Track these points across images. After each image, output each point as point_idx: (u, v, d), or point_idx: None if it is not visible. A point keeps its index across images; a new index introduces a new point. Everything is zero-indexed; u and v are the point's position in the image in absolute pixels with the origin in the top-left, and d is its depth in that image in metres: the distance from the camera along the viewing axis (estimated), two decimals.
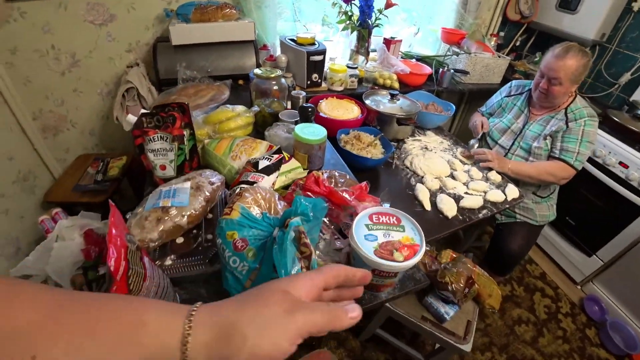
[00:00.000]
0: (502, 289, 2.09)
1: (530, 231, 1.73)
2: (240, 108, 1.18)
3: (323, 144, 1.01)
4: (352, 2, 1.85)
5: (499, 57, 2.29)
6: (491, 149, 1.77)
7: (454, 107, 1.79)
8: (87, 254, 1.20)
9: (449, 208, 1.30)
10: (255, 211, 0.64)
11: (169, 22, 1.59)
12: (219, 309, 0.32)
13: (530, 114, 1.69)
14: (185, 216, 0.71)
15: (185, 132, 0.93)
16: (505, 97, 1.83)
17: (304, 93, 1.30)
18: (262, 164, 0.87)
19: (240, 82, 1.63)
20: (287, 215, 0.58)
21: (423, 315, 1.32)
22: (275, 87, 1.22)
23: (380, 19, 1.94)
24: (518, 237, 1.70)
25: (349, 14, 1.89)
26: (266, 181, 0.83)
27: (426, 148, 1.65)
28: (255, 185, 0.80)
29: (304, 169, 1.02)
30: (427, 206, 1.31)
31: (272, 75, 1.18)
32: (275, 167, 0.87)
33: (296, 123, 1.17)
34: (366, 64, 2.00)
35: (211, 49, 1.63)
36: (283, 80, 1.24)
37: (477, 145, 1.68)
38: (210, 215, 0.80)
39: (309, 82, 1.68)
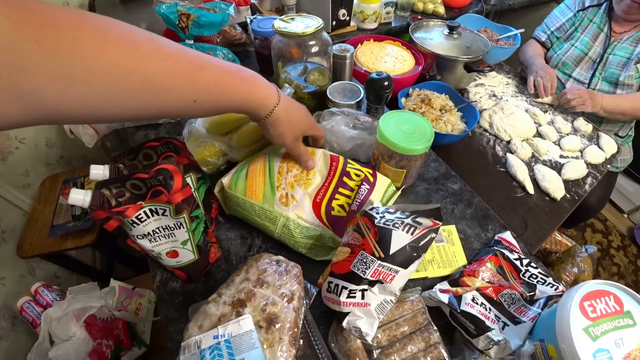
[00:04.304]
0: None
1: (609, 180, 1.45)
2: None
3: (428, 149, 0.62)
4: None
5: None
6: (564, 84, 1.38)
7: (517, 32, 1.35)
8: (99, 359, 0.85)
9: (555, 186, 0.99)
10: None
11: None
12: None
13: (611, 33, 1.28)
14: None
15: (192, 184, 0.53)
16: (579, 11, 1.38)
17: (351, 48, 0.84)
18: (398, 238, 0.47)
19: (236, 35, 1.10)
20: None
21: None
22: (315, 49, 0.75)
23: None
24: (597, 189, 1.42)
25: None
26: (398, 281, 0.46)
27: (494, 95, 1.26)
28: (369, 289, 0.46)
29: (397, 189, 0.65)
30: (530, 189, 0.98)
31: (309, 31, 0.70)
32: (424, 248, 0.48)
33: (358, 106, 0.75)
34: None
35: None
36: (325, 34, 0.77)
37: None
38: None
39: (334, 24, 1.17)
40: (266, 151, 0.64)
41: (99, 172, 0.47)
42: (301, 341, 0.45)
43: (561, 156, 1.09)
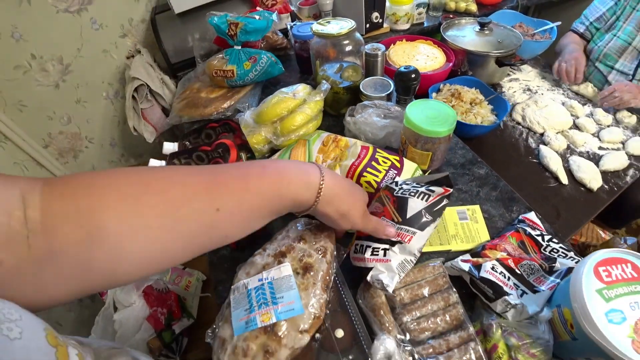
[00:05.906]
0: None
1: None
2: (301, 89, 0.82)
3: (452, 133, 0.67)
4: None
5: None
6: (606, 77, 1.35)
7: (554, 25, 1.35)
8: (156, 323, 0.99)
9: (591, 177, 0.98)
10: None
11: None
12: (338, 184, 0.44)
13: None
14: (305, 331, 0.43)
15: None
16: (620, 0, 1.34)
17: (382, 47, 0.91)
18: (414, 205, 0.54)
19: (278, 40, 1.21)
20: None
21: None
22: (349, 48, 0.83)
23: None
24: None
25: None
26: (416, 241, 0.52)
27: (529, 90, 1.27)
28: (388, 250, 0.52)
29: (423, 172, 0.70)
30: (564, 179, 0.98)
31: (343, 32, 0.79)
32: (439, 212, 0.54)
33: (388, 98, 0.82)
34: None
35: (227, 6, 1.22)
36: (358, 34, 0.85)
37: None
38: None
39: (367, 26, 1.25)
40: (307, 138, 0.73)
41: (170, 147, 0.58)
42: (332, 293, 0.52)
43: (600, 148, 1.08)
